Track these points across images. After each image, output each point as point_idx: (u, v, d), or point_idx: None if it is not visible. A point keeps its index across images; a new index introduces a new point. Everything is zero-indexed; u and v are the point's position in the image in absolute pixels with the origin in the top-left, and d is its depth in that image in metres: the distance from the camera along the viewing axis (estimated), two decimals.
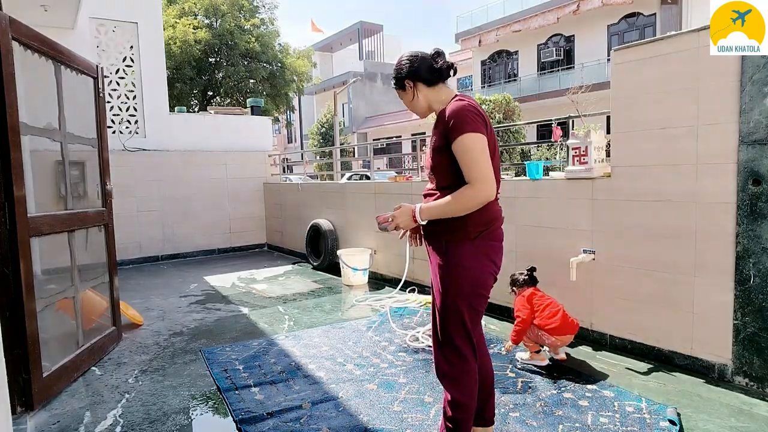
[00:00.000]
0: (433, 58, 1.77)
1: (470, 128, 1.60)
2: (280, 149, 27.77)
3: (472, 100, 1.71)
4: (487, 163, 1.61)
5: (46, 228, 2.70)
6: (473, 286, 1.70)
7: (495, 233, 1.73)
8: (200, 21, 16.28)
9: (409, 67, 1.77)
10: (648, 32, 15.44)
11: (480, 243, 1.69)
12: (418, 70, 1.76)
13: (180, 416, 2.39)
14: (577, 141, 3.17)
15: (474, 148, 1.60)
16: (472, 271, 1.68)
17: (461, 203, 1.62)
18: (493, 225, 1.71)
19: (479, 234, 1.68)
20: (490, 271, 1.73)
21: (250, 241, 7.79)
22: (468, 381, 1.74)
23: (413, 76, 1.77)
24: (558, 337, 2.73)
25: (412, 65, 1.77)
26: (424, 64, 1.76)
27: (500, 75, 20.66)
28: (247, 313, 4.17)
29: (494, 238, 1.73)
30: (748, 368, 2.47)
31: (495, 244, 1.73)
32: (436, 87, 1.79)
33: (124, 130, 6.72)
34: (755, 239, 2.39)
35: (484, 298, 1.75)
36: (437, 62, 1.76)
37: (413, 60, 1.78)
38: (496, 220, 1.73)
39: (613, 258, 3.01)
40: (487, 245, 1.70)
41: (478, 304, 1.74)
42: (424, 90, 1.78)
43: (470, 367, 1.73)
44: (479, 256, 1.69)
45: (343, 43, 32.23)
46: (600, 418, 2.20)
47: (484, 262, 1.70)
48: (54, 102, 2.89)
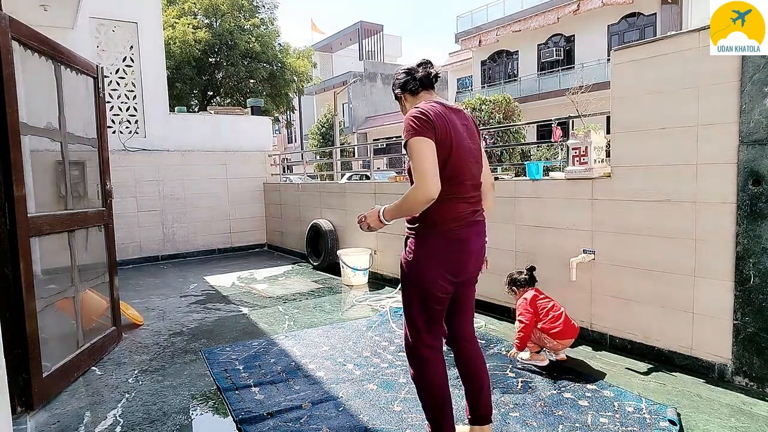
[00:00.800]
0: (416, 68, 1.90)
1: (413, 133, 1.69)
2: (280, 149, 27.77)
3: (433, 105, 1.77)
4: (427, 165, 1.65)
5: (47, 228, 2.70)
6: (419, 281, 1.79)
7: (453, 234, 1.77)
8: (200, 21, 16.27)
9: (399, 80, 1.93)
10: (648, 32, 15.44)
11: (435, 241, 1.76)
12: (406, 82, 1.90)
13: (180, 416, 2.39)
14: (577, 141, 3.17)
15: (416, 151, 1.67)
16: (420, 267, 1.77)
17: (408, 203, 1.69)
18: (450, 225, 1.76)
19: (435, 233, 1.76)
20: (441, 270, 1.77)
21: (250, 241, 7.79)
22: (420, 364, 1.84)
23: (402, 88, 1.93)
24: (560, 341, 2.74)
25: (402, 78, 1.92)
26: (409, 76, 1.90)
27: (500, 75, 20.66)
28: (247, 313, 4.17)
29: (452, 238, 1.77)
30: (748, 368, 2.47)
31: (454, 245, 1.77)
32: (419, 95, 1.90)
33: (124, 130, 6.72)
34: (755, 239, 2.39)
35: (432, 296, 1.79)
36: (417, 72, 1.89)
37: (405, 73, 1.92)
38: (455, 221, 1.77)
39: (613, 258, 3.01)
40: (442, 244, 1.76)
41: (429, 301, 1.80)
42: (410, 99, 1.93)
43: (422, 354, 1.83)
44: (431, 253, 1.76)
45: (343, 43, 32.23)
46: (600, 418, 2.20)
47: (434, 260, 1.76)
48: (54, 102, 2.89)
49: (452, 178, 1.74)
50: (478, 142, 1.92)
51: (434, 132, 1.69)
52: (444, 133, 1.72)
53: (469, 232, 1.81)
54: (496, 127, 9.41)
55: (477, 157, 1.86)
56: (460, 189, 1.77)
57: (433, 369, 1.83)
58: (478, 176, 1.86)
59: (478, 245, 1.86)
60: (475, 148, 1.86)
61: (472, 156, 1.82)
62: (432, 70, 1.89)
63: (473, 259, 1.85)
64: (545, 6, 17.45)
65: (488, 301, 3.92)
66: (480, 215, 1.88)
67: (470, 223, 1.81)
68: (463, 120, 1.85)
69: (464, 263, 1.81)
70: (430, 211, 1.73)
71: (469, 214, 1.81)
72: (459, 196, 1.77)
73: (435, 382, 1.84)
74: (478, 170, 1.86)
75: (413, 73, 1.89)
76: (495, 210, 3.71)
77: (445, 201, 1.73)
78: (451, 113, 1.81)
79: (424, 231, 1.78)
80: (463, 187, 1.78)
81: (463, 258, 1.81)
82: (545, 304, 2.79)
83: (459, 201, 1.78)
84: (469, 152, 1.80)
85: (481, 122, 10.46)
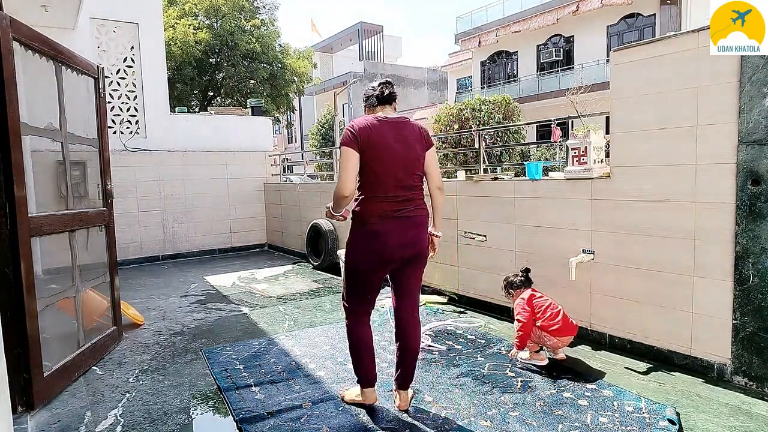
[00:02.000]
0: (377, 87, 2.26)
1: (341, 142, 2.11)
2: (281, 149, 27.78)
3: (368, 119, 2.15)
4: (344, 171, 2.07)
5: (47, 228, 2.70)
6: (348, 265, 2.26)
7: (373, 227, 2.13)
8: (201, 22, 16.28)
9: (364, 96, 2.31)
10: (647, 33, 15.45)
11: (359, 234, 2.18)
12: (368, 98, 2.28)
13: (181, 415, 2.40)
14: (577, 141, 3.18)
15: (341, 157, 2.10)
16: (350, 254, 2.24)
17: (333, 198, 2.15)
18: (370, 221, 2.13)
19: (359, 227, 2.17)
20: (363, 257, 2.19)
21: (251, 241, 7.80)
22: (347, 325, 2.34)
23: (365, 102, 2.30)
24: (560, 338, 2.74)
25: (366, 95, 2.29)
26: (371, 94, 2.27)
27: (500, 75, 20.67)
28: (248, 312, 4.17)
29: (371, 231, 2.13)
30: (747, 368, 2.47)
31: (374, 238, 2.14)
32: (375, 109, 2.26)
33: (125, 130, 6.73)
34: (754, 239, 2.40)
35: (357, 277, 2.25)
36: (376, 91, 2.25)
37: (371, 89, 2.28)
38: (374, 217, 2.13)
39: (613, 258, 3.01)
40: (365, 236, 2.16)
41: (355, 281, 2.26)
42: (369, 111, 2.29)
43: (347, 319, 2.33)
44: (354, 243, 2.21)
45: (343, 44, 32.25)
46: (599, 418, 2.20)
47: (356, 249, 2.20)
48: (55, 102, 2.90)
49: (373, 181, 2.11)
50: (418, 151, 2.20)
51: (357, 143, 2.07)
52: (366, 144, 2.07)
53: (387, 226, 2.13)
54: (495, 128, 9.41)
55: (408, 163, 2.16)
56: (380, 190, 2.12)
57: (353, 330, 2.32)
58: (406, 179, 2.15)
59: (401, 239, 2.15)
60: (411, 155, 2.16)
61: (402, 161, 2.13)
62: (386, 89, 2.25)
63: (396, 249, 2.15)
64: (545, 7, 17.45)
65: (488, 301, 3.93)
66: (408, 212, 2.17)
67: (391, 219, 2.13)
68: (404, 131, 2.17)
69: (384, 252, 2.14)
70: (358, 209, 2.16)
71: (390, 211, 2.13)
72: (379, 196, 2.12)
73: (356, 344, 2.32)
74: (406, 174, 2.16)
75: (374, 92, 2.25)
76: (495, 210, 3.74)
77: (367, 200, 2.14)
78: (388, 126, 2.14)
79: (354, 225, 2.21)
80: (385, 188, 2.12)
81: (381, 248, 2.14)
82: (542, 303, 2.80)
83: (380, 200, 2.12)
84: (396, 159, 2.12)
85: (481, 122, 10.47)
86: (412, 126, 2.23)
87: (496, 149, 9.58)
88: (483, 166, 4.70)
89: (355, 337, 2.32)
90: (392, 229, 2.13)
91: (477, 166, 4.91)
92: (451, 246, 4.22)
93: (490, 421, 2.21)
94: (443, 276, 4.36)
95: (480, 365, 2.84)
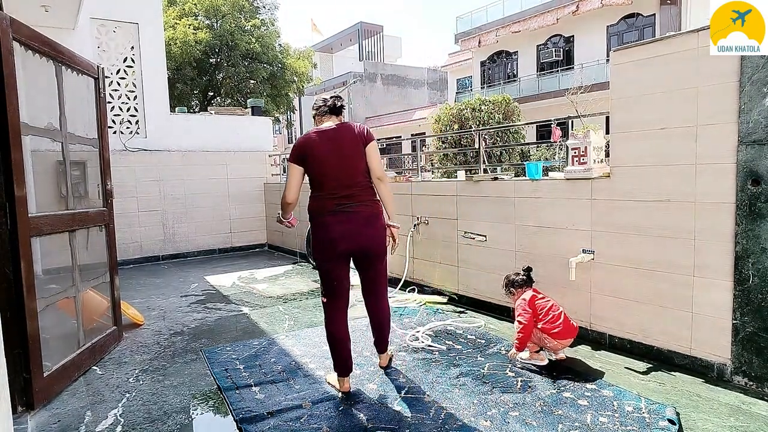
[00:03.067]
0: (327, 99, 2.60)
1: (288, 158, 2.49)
2: (281, 149, 27.75)
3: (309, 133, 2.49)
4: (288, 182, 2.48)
5: (47, 228, 2.70)
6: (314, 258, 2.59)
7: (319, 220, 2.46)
8: (201, 22, 16.28)
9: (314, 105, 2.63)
10: (647, 33, 15.45)
11: (312, 228, 2.52)
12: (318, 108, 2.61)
13: (181, 415, 2.40)
14: (577, 141, 3.18)
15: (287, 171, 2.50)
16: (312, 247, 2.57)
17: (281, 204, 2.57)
18: (316, 215, 2.47)
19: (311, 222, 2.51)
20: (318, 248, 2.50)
21: (251, 240, 7.80)
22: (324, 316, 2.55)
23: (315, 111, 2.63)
24: (561, 341, 2.74)
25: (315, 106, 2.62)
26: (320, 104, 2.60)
27: (500, 75, 20.67)
28: (248, 312, 4.17)
29: (318, 223, 2.47)
30: (747, 368, 2.47)
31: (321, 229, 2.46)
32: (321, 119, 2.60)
33: (125, 130, 6.73)
34: (754, 239, 2.40)
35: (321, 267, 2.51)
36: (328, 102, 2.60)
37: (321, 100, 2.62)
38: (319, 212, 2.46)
39: (613, 258, 3.01)
40: (315, 229, 2.50)
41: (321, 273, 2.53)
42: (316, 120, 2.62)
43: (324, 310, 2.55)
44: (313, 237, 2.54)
45: (343, 44, 32.25)
46: (599, 418, 2.20)
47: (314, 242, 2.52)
48: (55, 102, 2.90)
49: (316, 183, 2.46)
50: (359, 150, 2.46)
51: (297, 157, 2.43)
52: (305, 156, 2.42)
53: (329, 219, 2.43)
54: (495, 128, 9.41)
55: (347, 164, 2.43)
56: (322, 189, 2.44)
57: (327, 326, 2.55)
58: (344, 178, 2.43)
59: (341, 229, 2.42)
60: (348, 156, 2.43)
61: (338, 164, 2.41)
62: (338, 102, 2.61)
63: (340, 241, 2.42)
64: (544, 7, 17.45)
65: (488, 301, 3.93)
66: (348, 207, 2.43)
67: (332, 213, 2.42)
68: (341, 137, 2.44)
69: (331, 244, 2.43)
70: (309, 207, 2.50)
71: (332, 206, 2.43)
72: (321, 195, 2.45)
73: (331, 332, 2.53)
74: (346, 173, 2.43)
75: (325, 103, 2.59)
76: (495, 210, 3.74)
77: (314, 198, 2.48)
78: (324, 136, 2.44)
79: (309, 221, 2.52)
80: (326, 187, 2.43)
81: (328, 239, 2.43)
82: (544, 304, 2.79)
83: (322, 198, 2.45)
84: (331, 163, 2.41)
85: (481, 122, 10.47)
86: (349, 128, 2.48)
87: (496, 149, 9.58)
88: (483, 166, 4.70)
89: (329, 332, 2.55)
90: (334, 222, 2.42)
91: (477, 166, 4.91)
92: (451, 246, 4.22)
93: (490, 421, 2.21)
94: (443, 276, 4.36)
95: (480, 365, 2.84)
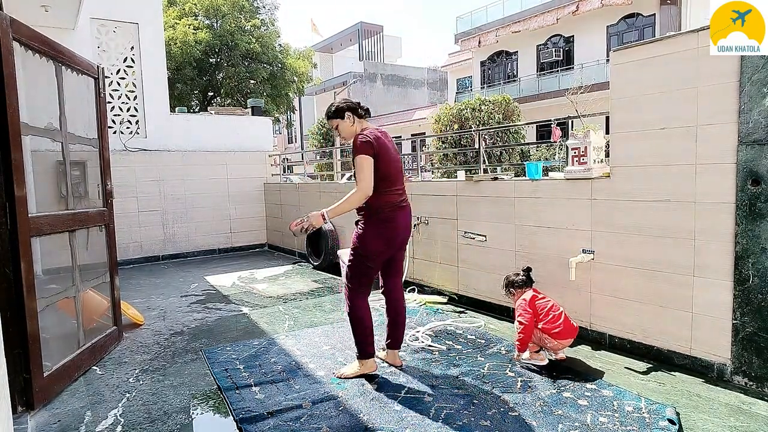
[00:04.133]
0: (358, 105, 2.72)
1: (359, 151, 2.51)
2: (281, 149, 27.78)
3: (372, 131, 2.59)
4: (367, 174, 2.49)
5: (47, 228, 2.70)
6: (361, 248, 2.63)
7: (386, 215, 2.59)
8: (201, 22, 16.29)
9: (350, 104, 2.68)
10: (647, 33, 15.46)
11: (372, 222, 2.59)
12: (355, 109, 2.68)
13: (181, 415, 2.40)
14: (577, 141, 3.18)
15: (358, 164, 2.51)
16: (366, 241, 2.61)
17: (351, 203, 2.54)
18: (384, 210, 2.58)
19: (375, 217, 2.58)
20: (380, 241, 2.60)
21: (251, 240, 7.80)
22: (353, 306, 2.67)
23: (352, 111, 2.67)
24: (561, 341, 2.74)
25: (352, 105, 2.68)
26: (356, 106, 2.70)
27: (500, 75, 20.68)
28: (248, 312, 4.17)
29: (385, 218, 2.59)
30: (747, 368, 2.47)
31: (387, 224, 2.60)
32: (361, 120, 2.71)
33: (125, 130, 6.73)
34: (754, 239, 2.40)
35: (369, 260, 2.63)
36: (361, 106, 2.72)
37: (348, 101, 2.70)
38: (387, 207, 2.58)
39: (612, 258, 3.01)
40: (380, 224, 2.58)
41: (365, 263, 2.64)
42: (356, 120, 2.68)
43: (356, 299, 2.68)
44: (370, 230, 2.60)
45: (343, 44, 32.26)
46: (599, 418, 2.20)
47: (371, 234, 2.59)
48: (55, 102, 2.90)
49: (384, 179, 2.55)
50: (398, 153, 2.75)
51: (373, 151, 2.52)
52: (378, 150, 2.53)
53: (399, 213, 2.63)
54: (495, 128, 9.42)
55: (399, 164, 2.70)
56: (390, 184, 2.59)
57: (361, 308, 2.67)
58: (400, 176, 2.70)
59: (404, 223, 2.67)
60: (399, 158, 2.72)
61: (396, 163, 2.66)
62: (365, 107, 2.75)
63: (400, 232, 2.65)
64: (544, 7, 17.46)
65: (488, 301, 3.93)
66: (405, 202, 2.71)
67: (397, 208, 2.62)
68: (389, 139, 2.68)
69: (394, 236, 2.63)
70: (371, 202, 2.56)
71: (397, 201, 2.64)
72: (390, 189, 2.60)
73: (362, 317, 2.67)
74: (399, 172, 2.68)
75: (359, 105, 2.71)
76: (495, 210, 3.75)
77: (383, 193, 2.57)
78: (384, 135, 2.64)
79: (366, 216, 2.60)
80: (392, 183, 2.61)
81: (393, 232, 2.62)
82: (544, 305, 2.79)
83: (391, 193, 2.60)
84: (395, 161, 2.64)
85: (481, 122, 10.47)
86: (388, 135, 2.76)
87: (496, 149, 9.58)
88: (483, 166, 4.70)
89: (361, 310, 2.67)
90: (399, 216, 2.64)
91: (477, 166, 4.91)
92: (451, 246, 4.22)
93: (490, 421, 2.21)
94: (443, 276, 4.36)
95: (480, 365, 2.84)
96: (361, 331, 2.67)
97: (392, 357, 2.88)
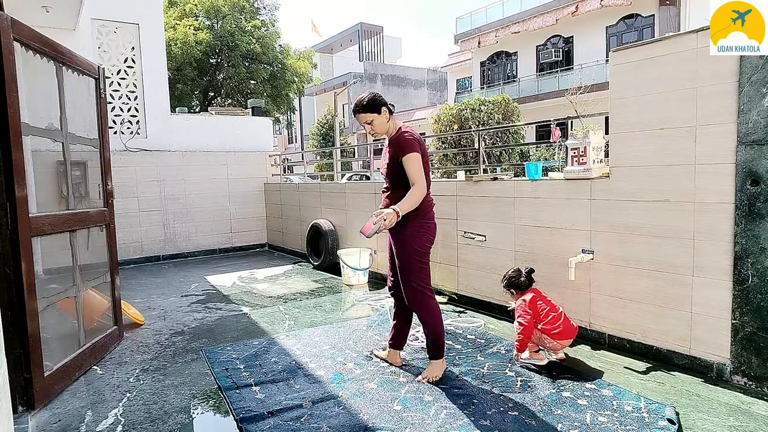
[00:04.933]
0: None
1: (412, 149, 2.52)
2: (281, 150, 27.80)
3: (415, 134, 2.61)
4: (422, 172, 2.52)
5: (48, 228, 2.71)
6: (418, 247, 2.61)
7: (430, 216, 2.66)
8: (201, 22, 16.31)
9: (382, 99, 2.64)
10: (647, 33, 15.47)
11: (419, 222, 2.59)
12: (386, 103, 2.63)
13: (181, 415, 2.40)
14: (576, 141, 3.18)
15: (415, 162, 2.51)
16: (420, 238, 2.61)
17: (415, 199, 2.50)
18: (429, 209, 2.65)
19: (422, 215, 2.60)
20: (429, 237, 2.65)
21: (251, 240, 7.81)
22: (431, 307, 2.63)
23: (388, 108, 2.63)
24: (561, 341, 2.74)
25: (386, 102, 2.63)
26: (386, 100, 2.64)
27: (499, 76, 20.70)
28: (248, 312, 4.18)
29: (430, 217, 2.66)
30: (746, 367, 2.48)
31: (430, 225, 2.66)
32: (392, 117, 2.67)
33: (126, 130, 6.74)
34: (753, 239, 2.40)
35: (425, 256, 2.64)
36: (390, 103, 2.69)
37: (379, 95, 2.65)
38: (430, 206, 2.67)
39: (612, 258, 3.02)
40: (424, 223, 2.62)
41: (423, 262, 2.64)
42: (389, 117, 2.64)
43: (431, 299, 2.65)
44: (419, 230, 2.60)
45: (344, 44, 32.29)
46: (599, 417, 2.21)
47: (422, 234, 2.61)
48: (55, 102, 2.90)
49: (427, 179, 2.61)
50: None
51: (421, 148, 2.57)
52: (423, 150, 2.59)
53: (433, 213, 2.71)
54: (495, 128, 9.43)
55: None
56: (429, 186, 2.64)
57: (437, 307, 2.66)
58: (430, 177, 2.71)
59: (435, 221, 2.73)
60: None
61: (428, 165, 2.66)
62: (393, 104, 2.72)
63: (435, 230, 2.71)
64: (544, 8, 17.47)
65: (488, 301, 3.93)
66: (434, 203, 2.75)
67: (433, 207, 2.72)
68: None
69: (434, 233, 2.70)
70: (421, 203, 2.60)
71: (432, 201, 2.72)
72: (428, 190, 2.63)
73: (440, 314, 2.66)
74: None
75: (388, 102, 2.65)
76: (494, 210, 3.76)
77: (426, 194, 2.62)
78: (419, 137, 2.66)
79: (413, 216, 2.56)
80: (429, 183, 2.64)
81: (434, 230, 2.69)
82: (545, 306, 2.80)
83: (429, 194, 2.65)
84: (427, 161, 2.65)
85: (481, 123, 10.48)
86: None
87: (496, 149, 9.59)
88: (483, 166, 4.71)
89: (438, 308, 2.66)
90: (433, 215, 2.72)
91: (477, 167, 4.91)
92: (451, 246, 4.23)
93: (489, 420, 2.22)
94: (443, 276, 4.37)
95: (480, 365, 2.84)
96: (443, 330, 2.65)
97: (393, 356, 2.89)
